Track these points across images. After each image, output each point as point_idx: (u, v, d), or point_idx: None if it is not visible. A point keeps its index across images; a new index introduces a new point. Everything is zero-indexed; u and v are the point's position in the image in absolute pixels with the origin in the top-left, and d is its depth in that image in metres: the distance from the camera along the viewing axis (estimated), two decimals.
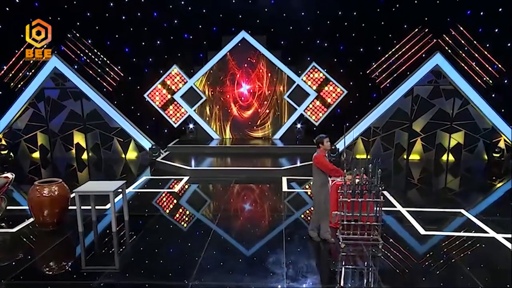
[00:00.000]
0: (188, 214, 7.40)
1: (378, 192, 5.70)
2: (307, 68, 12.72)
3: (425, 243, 5.95)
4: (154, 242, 6.05)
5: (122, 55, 12.69)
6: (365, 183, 5.75)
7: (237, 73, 12.89)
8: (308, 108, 12.84)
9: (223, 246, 5.85)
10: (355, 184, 5.78)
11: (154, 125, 13.15)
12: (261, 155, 11.58)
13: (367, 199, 5.76)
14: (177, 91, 12.84)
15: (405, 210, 7.33)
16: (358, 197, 5.79)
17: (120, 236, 6.29)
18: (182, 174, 10.04)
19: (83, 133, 12.16)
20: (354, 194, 5.79)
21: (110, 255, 5.75)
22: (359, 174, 5.81)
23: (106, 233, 6.44)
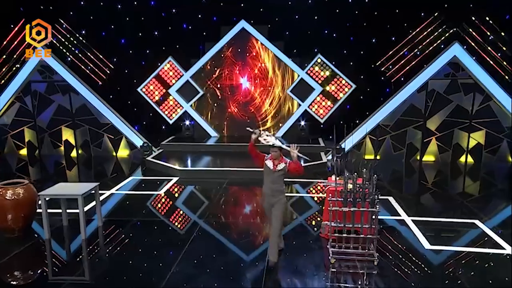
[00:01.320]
0: (169, 220, 7.02)
1: (374, 200, 5.16)
2: (312, 60, 12.16)
3: (429, 260, 5.39)
4: (125, 251, 5.72)
5: (117, 46, 12.40)
6: (358, 190, 5.22)
7: (236, 66, 12.46)
8: (313, 104, 12.33)
9: (198, 259, 5.43)
10: (346, 191, 5.25)
11: (149, 122, 12.84)
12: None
13: (360, 209, 5.23)
14: (173, 85, 12.49)
15: (410, 219, 6.76)
16: (350, 206, 5.27)
17: (90, 244, 5.99)
18: (171, 174, 9.70)
19: (72, 129, 11.94)
20: (345, 202, 5.28)
21: (74, 265, 5.42)
22: (351, 180, 5.29)
23: (74, 240, 6.15)
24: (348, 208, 5.26)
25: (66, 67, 11.45)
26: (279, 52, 12.17)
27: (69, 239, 6.26)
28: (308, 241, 5.94)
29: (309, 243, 5.89)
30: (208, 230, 6.46)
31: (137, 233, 6.34)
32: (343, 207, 5.30)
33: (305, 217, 7.11)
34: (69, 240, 6.21)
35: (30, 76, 11.51)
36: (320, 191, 8.48)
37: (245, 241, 5.98)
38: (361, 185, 5.22)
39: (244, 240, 6.00)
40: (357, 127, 11.32)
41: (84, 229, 6.14)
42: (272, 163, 5.03)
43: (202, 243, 5.96)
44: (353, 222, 5.30)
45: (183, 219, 7.13)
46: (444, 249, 5.67)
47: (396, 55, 11.83)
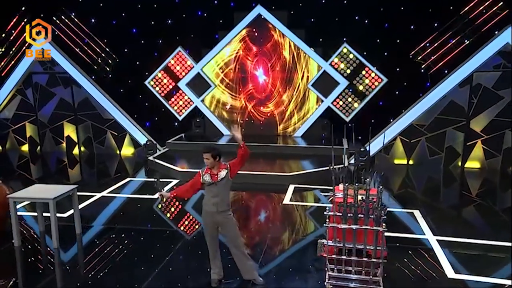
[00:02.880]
0: (153, 230, 6.67)
1: (379, 217, 4.53)
2: (337, 50, 11.50)
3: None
4: (97, 264, 5.45)
5: (129, 36, 12.30)
6: (360, 205, 4.61)
7: (252, 57, 12.01)
8: (337, 100, 11.67)
9: (171, 280, 5.03)
10: (346, 205, 4.66)
11: (161, 118, 12.66)
12: (276, 156, 10.75)
13: (362, 226, 4.62)
14: (182, 78, 12.24)
15: (436, 239, 6.02)
16: (351, 223, 4.67)
17: (62, 254, 5.80)
18: (172, 176, 9.44)
19: (74, 124, 11.97)
20: (345, 218, 4.68)
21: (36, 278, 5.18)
22: (353, 189, 4.69)
23: (47, 249, 6.00)
24: (347, 225, 4.66)
25: (67, 58, 11.47)
26: (300, 41, 11.60)
27: (41, 247, 6.12)
28: (308, 261, 5.43)
29: (308, 263, 5.37)
30: (193, 243, 6.05)
31: (115, 243, 6.07)
32: (342, 223, 4.71)
33: (319, 231, 6.52)
34: (40, 249, 6.07)
35: (31, 67, 11.63)
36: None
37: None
38: (363, 198, 4.61)
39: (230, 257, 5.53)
40: (388, 126, 10.56)
41: (56, 237, 5.97)
42: (210, 175, 4.61)
43: (184, 258, 5.59)
44: (355, 241, 4.70)
45: (169, 229, 6.73)
46: (473, 279, 4.93)
47: (435, 42, 10.89)
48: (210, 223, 4.70)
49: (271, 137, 12.03)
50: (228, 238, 4.80)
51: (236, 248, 4.79)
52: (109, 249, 5.91)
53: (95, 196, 8.23)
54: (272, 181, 8.95)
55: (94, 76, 11.99)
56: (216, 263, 4.88)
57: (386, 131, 10.40)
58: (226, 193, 4.67)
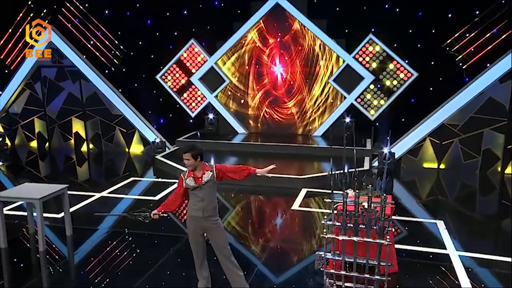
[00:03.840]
0: (146, 236, 6.46)
1: (382, 228, 4.11)
2: (362, 42, 10.99)
3: None
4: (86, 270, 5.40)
5: (143, 28, 12.25)
6: (360, 214, 4.21)
7: (269, 50, 11.69)
8: (361, 97, 11.18)
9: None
10: (346, 214, 4.26)
11: (175, 114, 12.55)
12: (291, 157, 10.40)
13: (364, 239, 4.21)
14: (195, 73, 12.07)
15: (458, 254, 5.49)
16: (350, 234, 4.27)
17: (46, 258, 5.75)
18: (178, 176, 9.23)
19: (83, 120, 12.05)
20: (344, 228, 4.29)
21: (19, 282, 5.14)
22: (353, 197, 4.29)
23: (32, 252, 5.96)
24: (346, 237, 4.26)
25: (75, 50, 11.54)
26: (321, 32, 11.16)
27: (28, 249, 6.08)
28: (308, 274, 5.08)
29: (308, 276, 5.02)
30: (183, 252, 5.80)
31: (104, 248, 6.01)
32: (340, 234, 4.32)
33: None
34: (26, 251, 6.03)
35: (39, 60, 11.77)
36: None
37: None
38: (365, 208, 4.20)
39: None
40: (416, 126, 9.99)
41: (42, 240, 5.95)
42: (193, 179, 4.36)
43: (173, 268, 5.37)
44: (355, 255, 4.29)
45: (162, 235, 6.50)
46: None
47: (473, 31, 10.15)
48: (195, 230, 4.46)
49: (289, 136, 11.68)
50: (215, 246, 4.51)
51: (224, 258, 4.51)
52: (98, 254, 5.82)
53: (94, 196, 8.20)
54: (283, 184, 8.61)
55: (107, 71, 12.00)
56: (202, 273, 4.60)
57: (414, 131, 9.85)
58: (212, 197, 4.45)
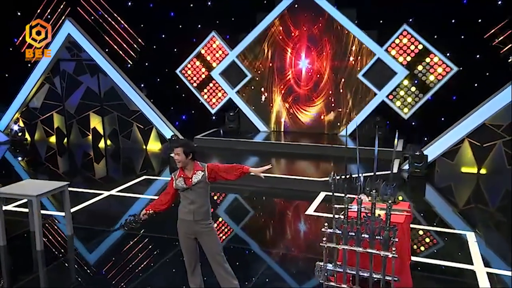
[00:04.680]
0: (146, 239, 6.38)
1: (387, 239, 3.74)
2: (395, 33, 10.48)
3: None
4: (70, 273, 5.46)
5: (166, 20, 12.26)
6: (363, 222, 3.86)
7: (294, 43, 11.38)
8: (393, 93, 10.68)
9: None
10: (347, 221, 3.93)
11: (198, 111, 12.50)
12: (316, 158, 10.08)
13: (367, 250, 3.85)
14: (216, 67, 11.94)
15: (487, 271, 5.02)
16: (352, 244, 3.93)
17: (45, 258, 5.78)
18: None
19: (100, 116, 12.19)
20: (345, 237, 3.95)
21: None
22: (357, 202, 3.96)
23: (30, 252, 5.96)
24: (347, 246, 3.92)
25: (93, 43, 11.67)
26: (349, 23, 10.73)
27: (25, 248, 6.10)
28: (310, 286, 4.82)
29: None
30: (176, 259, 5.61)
31: (103, 250, 6.06)
32: (342, 244, 3.98)
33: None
34: (23, 250, 6.06)
35: (58, 53, 12.00)
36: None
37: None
38: (367, 216, 3.84)
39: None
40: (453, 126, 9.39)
41: (39, 239, 5.96)
42: (183, 179, 4.19)
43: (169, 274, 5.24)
44: (358, 267, 3.94)
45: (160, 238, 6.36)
46: None
47: None
48: (186, 234, 4.32)
49: (314, 135, 11.34)
50: (207, 252, 4.33)
51: (217, 265, 4.31)
52: (94, 256, 5.85)
53: (103, 194, 8.22)
54: (301, 187, 8.31)
55: (127, 65, 12.08)
56: (194, 280, 4.43)
57: (450, 131, 9.27)
58: (204, 199, 4.27)
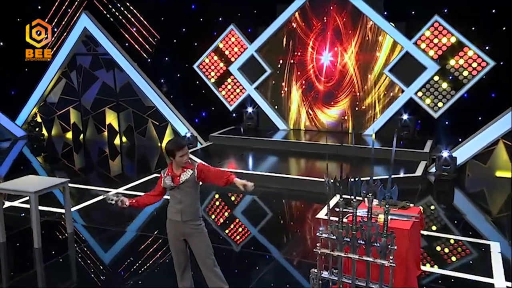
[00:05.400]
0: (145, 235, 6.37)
1: (384, 246, 3.47)
2: (425, 25, 10.02)
3: None
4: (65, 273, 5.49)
5: (188, 14, 12.23)
6: (359, 227, 3.59)
7: (315, 37, 11.10)
8: (423, 90, 10.25)
9: None
10: (341, 226, 3.68)
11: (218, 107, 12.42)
12: (336, 158, 9.78)
13: (364, 257, 3.59)
14: (234, 61, 11.81)
15: (507, 285, 4.65)
16: (347, 251, 3.68)
17: (42, 256, 5.84)
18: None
19: (116, 112, 12.31)
20: (340, 243, 3.70)
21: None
22: (351, 206, 3.70)
23: (26, 249, 6.01)
24: (342, 253, 3.67)
25: (109, 37, 11.78)
26: (375, 14, 10.35)
27: (24, 245, 6.15)
28: None
29: None
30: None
31: (102, 249, 6.10)
32: (335, 250, 3.73)
33: None
34: (21, 247, 6.12)
35: (75, 48, 12.20)
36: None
37: None
38: (363, 221, 3.58)
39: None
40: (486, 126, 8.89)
41: (37, 237, 6.00)
42: (171, 177, 4.15)
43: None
44: (354, 276, 3.69)
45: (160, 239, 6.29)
46: None
47: None
48: (175, 235, 4.24)
49: (336, 134, 11.02)
50: (197, 255, 4.24)
51: (207, 269, 4.21)
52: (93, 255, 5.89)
53: (110, 192, 8.20)
54: (315, 188, 8.02)
55: (144, 60, 12.12)
56: (184, 284, 4.34)
57: (482, 132, 8.79)
58: (193, 199, 4.20)
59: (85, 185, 8.67)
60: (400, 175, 8.58)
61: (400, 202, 4.56)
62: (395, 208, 4.46)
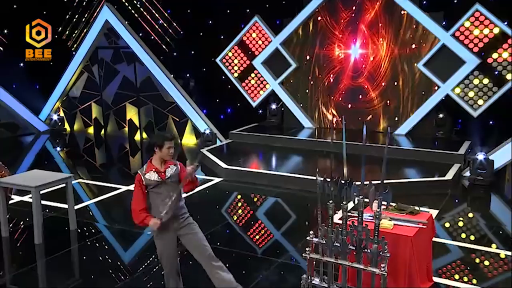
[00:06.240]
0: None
1: (376, 253, 3.21)
2: (465, 15, 9.52)
3: None
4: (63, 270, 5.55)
5: (214, 5, 12.15)
6: (349, 232, 3.35)
7: (343, 29, 10.80)
8: (460, 86, 9.77)
9: None
10: (332, 231, 3.45)
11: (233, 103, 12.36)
12: (365, 160, 9.29)
13: (353, 264, 3.34)
14: (258, 55, 11.64)
15: None
16: (337, 257, 3.44)
17: (42, 252, 5.88)
18: (216, 173, 9.09)
19: (136, 107, 12.41)
20: (330, 249, 3.48)
21: None
22: (343, 211, 3.44)
23: (28, 244, 6.09)
24: (332, 259, 3.43)
25: (130, 30, 11.88)
26: (410, 4, 9.92)
27: (25, 240, 6.24)
28: None
29: None
30: None
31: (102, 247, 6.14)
32: (325, 255, 3.51)
33: None
34: (23, 243, 6.21)
35: (97, 41, 12.40)
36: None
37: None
38: (353, 225, 3.31)
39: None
40: None
41: (38, 232, 6.05)
42: (156, 173, 4.12)
43: None
44: (344, 284, 3.44)
45: None
46: None
47: None
48: (168, 237, 4.18)
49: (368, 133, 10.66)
50: (194, 248, 4.22)
51: (207, 259, 4.20)
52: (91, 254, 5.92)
53: (120, 189, 8.26)
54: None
55: (175, 53, 12.16)
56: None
57: None
58: (179, 193, 4.21)
59: (104, 182, 8.71)
60: (424, 179, 8.27)
61: (408, 207, 4.25)
62: (403, 213, 4.14)
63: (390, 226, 3.88)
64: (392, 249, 3.75)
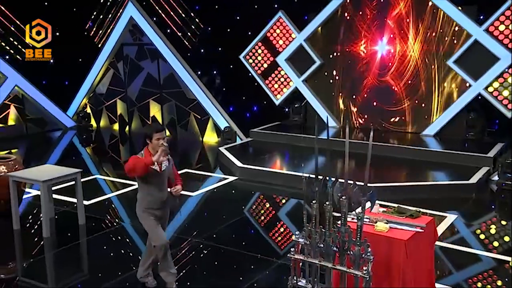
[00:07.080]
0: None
1: (359, 255, 3.11)
2: (499, 9, 9.15)
3: None
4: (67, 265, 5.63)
5: (241, 1, 12.15)
6: (332, 234, 3.27)
7: (370, 25, 10.58)
8: (493, 84, 9.40)
9: None
10: (315, 232, 3.39)
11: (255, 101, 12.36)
12: (389, 161, 9.20)
13: (337, 266, 3.26)
14: (282, 52, 11.55)
15: None
16: (320, 258, 3.38)
17: (49, 243, 6.05)
18: (232, 172, 9.12)
19: (159, 104, 12.58)
20: (314, 251, 3.42)
21: None
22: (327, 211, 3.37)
23: (38, 238, 6.23)
24: (316, 260, 3.35)
25: (154, 27, 12.05)
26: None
27: (35, 234, 6.42)
28: None
29: None
30: None
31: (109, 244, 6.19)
32: (310, 257, 3.44)
33: None
34: (32, 236, 6.38)
35: (122, 37, 12.65)
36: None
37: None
38: (339, 227, 3.24)
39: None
40: None
41: (47, 225, 6.21)
42: (157, 165, 4.45)
43: None
44: (330, 284, 3.37)
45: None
46: None
47: None
48: (155, 220, 4.54)
49: (391, 134, 10.48)
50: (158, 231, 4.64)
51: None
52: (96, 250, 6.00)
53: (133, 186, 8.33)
54: None
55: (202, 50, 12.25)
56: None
57: None
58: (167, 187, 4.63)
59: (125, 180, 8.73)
60: (447, 182, 8.04)
61: (409, 210, 4.10)
62: (402, 216, 3.99)
63: (385, 229, 3.75)
64: (386, 252, 3.66)
